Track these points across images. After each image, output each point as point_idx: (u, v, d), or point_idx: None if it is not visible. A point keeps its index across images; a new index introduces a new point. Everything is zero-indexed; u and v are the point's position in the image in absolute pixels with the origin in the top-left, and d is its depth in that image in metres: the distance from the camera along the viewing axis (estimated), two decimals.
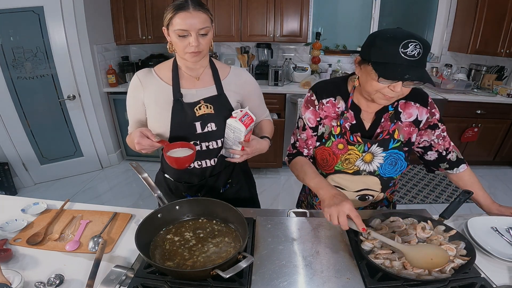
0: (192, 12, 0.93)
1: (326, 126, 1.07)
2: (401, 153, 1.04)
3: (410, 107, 1.04)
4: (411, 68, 0.81)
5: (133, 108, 1.12)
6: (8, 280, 0.74)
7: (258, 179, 3.24)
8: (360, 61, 0.93)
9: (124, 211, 1.10)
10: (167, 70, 1.09)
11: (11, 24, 2.53)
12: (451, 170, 1.11)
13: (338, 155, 1.05)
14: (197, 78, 1.10)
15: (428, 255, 0.78)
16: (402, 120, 1.04)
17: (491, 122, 3.15)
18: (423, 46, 0.80)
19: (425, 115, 1.05)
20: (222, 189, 1.23)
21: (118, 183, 3.14)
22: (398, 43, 0.80)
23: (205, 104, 1.07)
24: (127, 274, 0.76)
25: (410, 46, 0.80)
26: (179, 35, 0.95)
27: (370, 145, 1.02)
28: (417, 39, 0.81)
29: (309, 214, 1.07)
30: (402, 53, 0.80)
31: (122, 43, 3.31)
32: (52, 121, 2.98)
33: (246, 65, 3.49)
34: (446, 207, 0.99)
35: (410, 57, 0.80)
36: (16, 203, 1.12)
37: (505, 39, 2.95)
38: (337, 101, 1.05)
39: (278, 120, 3.08)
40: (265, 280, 0.78)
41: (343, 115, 1.04)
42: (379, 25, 3.51)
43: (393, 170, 1.06)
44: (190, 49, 0.96)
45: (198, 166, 1.14)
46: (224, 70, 1.15)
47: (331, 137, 1.06)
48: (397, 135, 1.03)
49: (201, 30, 0.95)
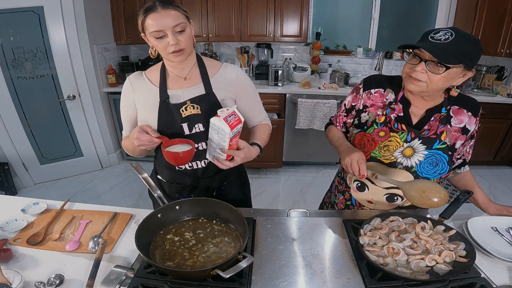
0: (161, 11, 0.90)
1: (371, 114, 1.08)
2: (445, 156, 1.01)
3: (462, 114, 1.03)
4: (432, 47, 0.84)
5: (127, 112, 1.12)
6: (8, 280, 0.74)
7: (258, 179, 3.25)
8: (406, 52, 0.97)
9: (124, 211, 1.10)
10: (156, 72, 1.09)
11: (11, 24, 2.53)
12: (459, 169, 1.13)
13: (377, 142, 1.04)
14: (183, 78, 1.07)
15: (421, 188, 0.82)
16: (452, 125, 1.03)
17: (491, 122, 3.14)
18: (455, 34, 0.84)
19: (473, 125, 1.04)
20: (215, 192, 1.21)
21: (118, 183, 3.14)
22: (433, 30, 0.87)
23: (191, 105, 1.04)
24: (127, 274, 0.77)
25: (440, 32, 0.85)
26: (156, 37, 0.93)
27: (414, 135, 1.01)
28: (453, 30, 0.85)
29: (309, 214, 1.07)
30: (431, 37, 0.86)
31: (122, 43, 3.31)
32: (52, 121, 2.98)
33: (246, 65, 3.49)
34: (446, 207, 0.99)
35: (437, 40, 0.84)
36: (16, 203, 1.12)
37: (505, 39, 2.96)
38: (386, 92, 1.07)
39: (278, 120, 3.08)
40: (265, 280, 0.78)
41: (390, 105, 1.04)
42: (379, 25, 3.52)
43: (432, 171, 1.02)
44: (170, 48, 0.94)
45: (189, 167, 1.12)
46: (214, 68, 1.11)
47: (374, 125, 1.06)
48: (444, 137, 1.01)
49: (176, 27, 0.92)
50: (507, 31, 2.92)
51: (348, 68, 3.57)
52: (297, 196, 2.94)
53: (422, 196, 0.81)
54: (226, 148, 0.93)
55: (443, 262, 0.79)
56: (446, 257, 0.80)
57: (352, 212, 1.17)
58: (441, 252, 0.81)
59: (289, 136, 3.22)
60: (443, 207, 0.98)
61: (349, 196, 1.20)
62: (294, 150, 3.32)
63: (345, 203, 1.22)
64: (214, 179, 1.17)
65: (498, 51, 3.02)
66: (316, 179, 3.23)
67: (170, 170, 1.15)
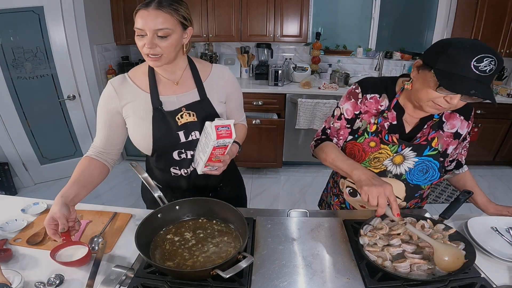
0: (151, 11, 0.85)
1: (364, 121, 1.03)
2: (436, 162, 1.00)
3: (455, 118, 1.00)
4: (479, 84, 0.75)
5: (104, 121, 1.01)
6: (8, 280, 0.74)
7: (258, 179, 3.25)
8: (421, 66, 0.87)
9: (124, 211, 1.10)
10: (143, 75, 1.01)
11: (11, 24, 2.53)
12: (457, 170, 1.12)
13: (368, 153, 1.02)
14: (175, 83, 1.02)
15: (455, 255, 0.76)
16: (444, 130, 1.01)
17: (491, 122, 3.15)
18: (498, 63, 0.75)
19: (465, 129, 1.02)
20: (211, 194, 1.20)
21: (118, 183, 3.14)
22: (473, 55, 0.74)
23: (187, 112, 1.00)
24: (127, 274, 0.77)
25: (484, 61, 0.74)
26: (137, 34, 0.89)
27: (404, 147, 0.99)
28: (495, 54, 0.75)
29: (309, 214, 1.07)
30: (474, 66, 0.74)
31: (122, 43, 3.31)
32: (52, 121, 2.98)
33: (246, 65, 3.49)
34: (446, 207, 0.99)
35: (482, 72, 0.74)
36: (16, 203, 1.12)
37: (505, 39, 2.96)
38: (381, 98, 1.02)
39: (278, 120, 3.07)
40: (265, 280, 0.78)
41: (383, 114, 1.00)
42: (379, 25, 3.52)
43: (422, 178, 1.02)
44: (145, 50, 0.89)
45: (184, 174, 1.09)
46: (205, 70, 1.07)
47: (365, 134, 1.02)
48: (435, 144, 0.99)
49: (159, 31, 0.86)
50: (507, 31, 2.93)
51: (348, 68, 3.57)
52: (297, 196, 2.94)
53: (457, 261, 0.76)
54: (207, 155, 0.92)
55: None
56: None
57: (352, 212, 1.17)
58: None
59: (289, 136, 3.22)
60: (443, 207, 0.99)
61: (343, 199, 1.21)
62: (294, 150, 3.32)
63: (340, 205, 1.23)
64: (209, 181, 1.16)
65: (498, 51, 3.02)
66: (316, 179, 3.23)
67: (164, 176, 1.12)
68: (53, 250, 0.83)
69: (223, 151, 0.93)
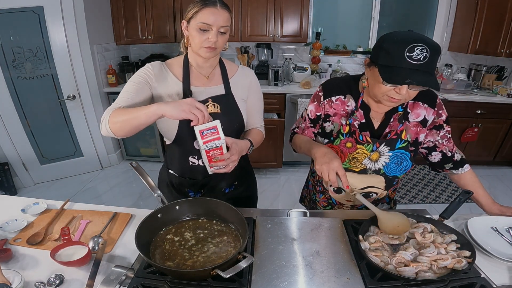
0: (219, 9, 0.96)
1: (335, 123, 1.08)
2: (407, 153, 1.04)
3: (419, 107, 1.04)
4: (415, 72, 0.80)
5: (133, 85, 1.03)
6: (8, 280, 0.74)
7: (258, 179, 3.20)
8: (369, 63, 0.93)
9: (124, 211, 1.10)
10: (178, 66, 1.10)
11: (11, 24, 2.53)
12: (456, 170, 1.12)
13: (346, 154, 1.06)
14: (206, 77, 1.11)
15: (396, 223, 0.89)
16: (410, 120, 1.04)
17: (491, 122, 3.15)
18: (430, 50, 0.79)
19: (431, 116, 1.05)
20: (227, 189, 1.23)
21: (118, 183, 3.14)
22: (404, 46, 0.80)
23: (212, 103, 1.08)
24: (127, 274, 0.77)
25: (416, 50, 0.79)
26: (201, 29, 0.96)
27: (378, 145, 1.03)
28: (426, 43, 0.79)
29: (309, 214, 1.07)
30: (407, 57, 0.79)
31: (122, 43, 3.31)
32: (52, 121, 2.98)
33: (246, 65, 3.49)
34: (446, 207, 0.99)
35: (416, 61, 0.79)
36: (16, 203, 1.12)
37: (505, 39, 2.96)
38: (346, 99, 1.06)
39: (278, 120, 3.07)
40: (265, 280, 0.78)
41: (353, 114, 1.04)
42: (379, 25, 3.52)
43: (398, 169, 1.07)
44: (207, 43, 0.98)
45: (202, 164, 1.13)
46: (232, 69, 1.16)
47: (340, 136, 1.06)
48: (405, 136, 1.03)
49: (222, 28, 0.98)
50: (507, 31, 2.92)
51: (348, 68, 3.57)
52: (297, 196, 2.92)
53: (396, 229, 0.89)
54: (205, 158, 0.96)
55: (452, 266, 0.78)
56: (456, 264, 0.78)
57: (352, 212, 1.18)
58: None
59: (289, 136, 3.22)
60: (443, 207, 0.99)
61: (329, 196, 1.23)
62: None
63: (327, 201, 1.26)
64: (225, 177, 1.19)
65: (498, 51, 3.02)
66: None
67: (182, 164, 1.16)
68: (53, 250, 0.84)
69: (219, 151, 0.96)
